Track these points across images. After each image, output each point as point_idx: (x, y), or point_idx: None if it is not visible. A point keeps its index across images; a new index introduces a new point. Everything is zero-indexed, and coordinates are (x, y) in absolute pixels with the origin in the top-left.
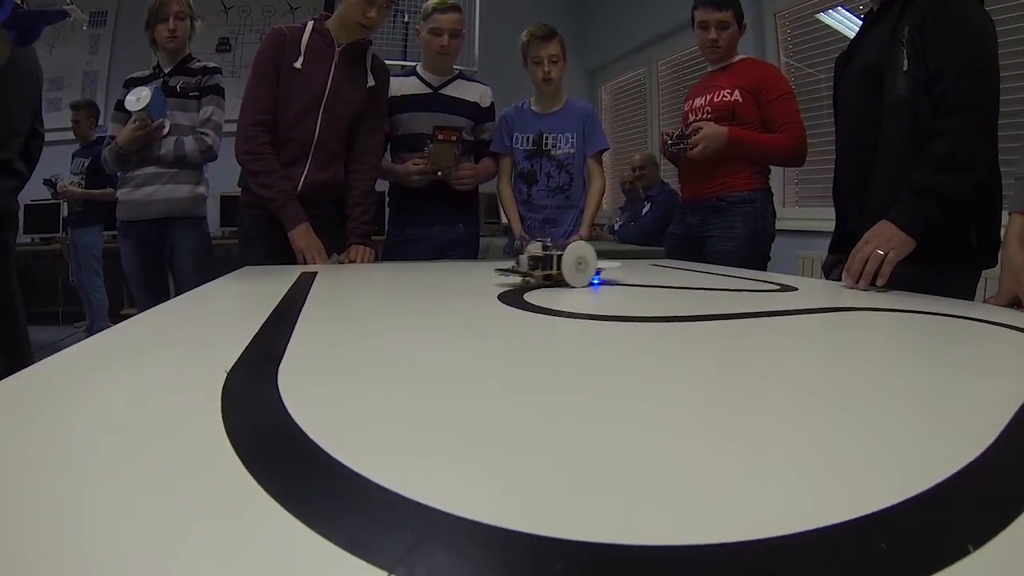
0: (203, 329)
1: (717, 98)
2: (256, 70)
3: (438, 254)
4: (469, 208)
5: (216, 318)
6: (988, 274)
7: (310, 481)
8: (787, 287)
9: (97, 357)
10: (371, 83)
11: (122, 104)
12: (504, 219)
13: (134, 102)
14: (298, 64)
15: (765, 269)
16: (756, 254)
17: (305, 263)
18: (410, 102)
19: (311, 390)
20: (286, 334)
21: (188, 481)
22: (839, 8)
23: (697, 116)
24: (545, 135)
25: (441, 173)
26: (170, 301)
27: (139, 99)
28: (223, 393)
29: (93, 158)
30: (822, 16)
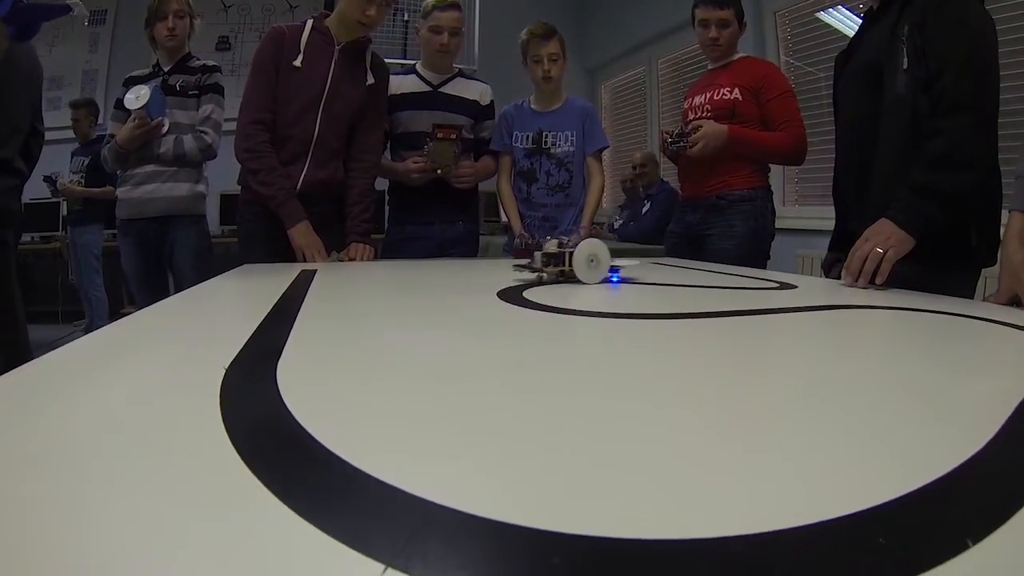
0: (202, 326)
1: (717, 96)
2: (255, 68)
3: (438, 252)
4: (469, 206)
5: (215, 315)
6: (988, 273)
7: (308, 476)
8: (786, 285)
9: (95, 354)
10: (371, 81)
11: (121, 103)
12: (504, 217)
13: (133, 100)
14: (298, 62)
15: (765, 267)
16: (756, 252)
17: (305, 261)
18: (410, 100)
19: (310, 386)
20: (285, 331)
21: (186, 476)
22: (839, 7)
23: (697, 114)
24: (545, 133)
25: (441, 171)
26: (169, 299)
27: (138, 97)
28: (222, 389)
29: (93, 157)
30: (822, 15)
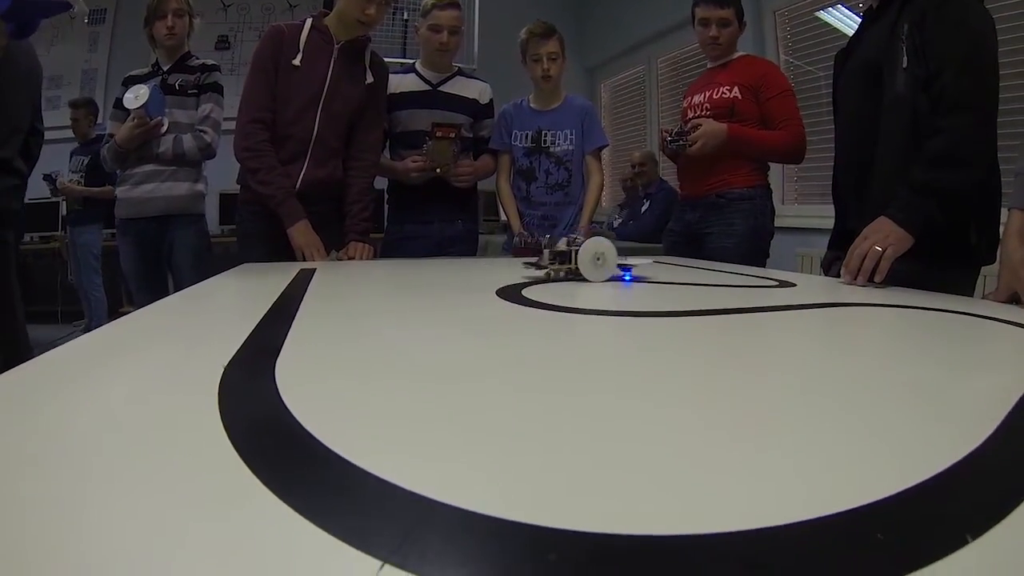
0: (201, 325)
1: (716, 95)
2: (254, 67)
3: (437, 251)
4: (468, 205)
5: (214, 314)
6: (987, 271)
7: (307, 473)
8: (785, 283)
9: (94, 353)
10: (370, 80)
11: (120, 102)
12: (503, 216)
13: (132, 100)
14: (297, 61)
15: (764, 266)
16: (755, 251)
17: (304, 260)
18: (409, 99)
19: (308, 385)
20: (284, 330)
21: (185, 474)
22: (838, 6)
23: (696, 113)
24: (544, 132)
25: (440, 170)
26: (168, 298)
27: (137, 97)
28: (220, 387)
29: (92, 156)
30: (821, 14)
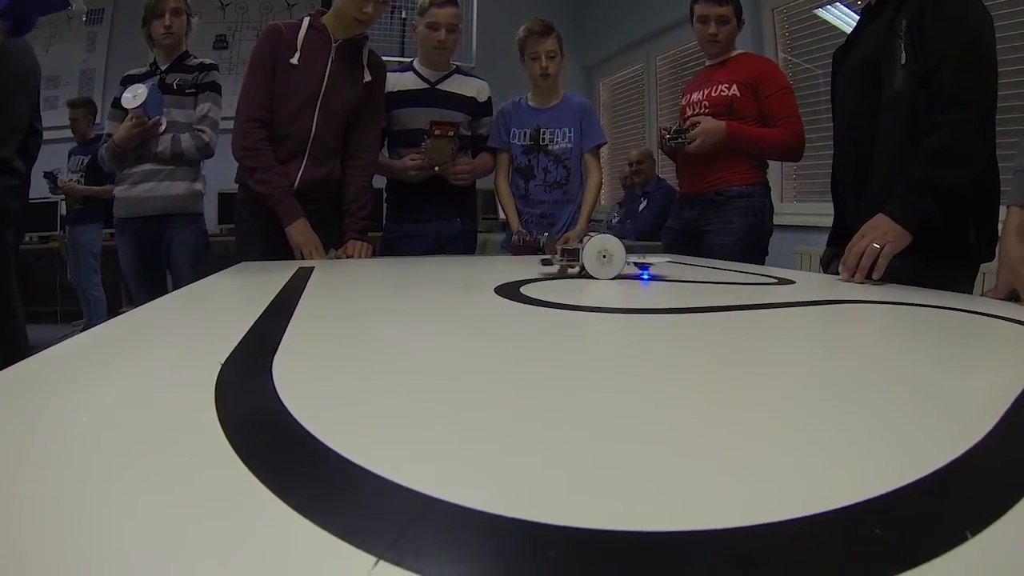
0: (198, 323)
1: (715, 93)
2: (252, 66)
3: (435, 249)
4: (466, 203)
5: (212, 312)
6: (986, 268)
7: (304, 471)
8: (784, 280)
9: (92, 351)
10: (367, 79)
11: (118, 102)
12: (502, 214)
13: (130, 99)
14: (295, 60)
15: (763, 263)
16: (754, 248)
17: (302, 259)
18: (407, 97)
19: (306, 382)
20: (281, 328)
21: (182, 472)
22: (836, 3)
23: (695, 111)
24: (542, 130)
25: (438, 168)
26: (165, 296)
27: (135, 96)
28: (217, 384)
29: (92, 156)
30: (820, 12)
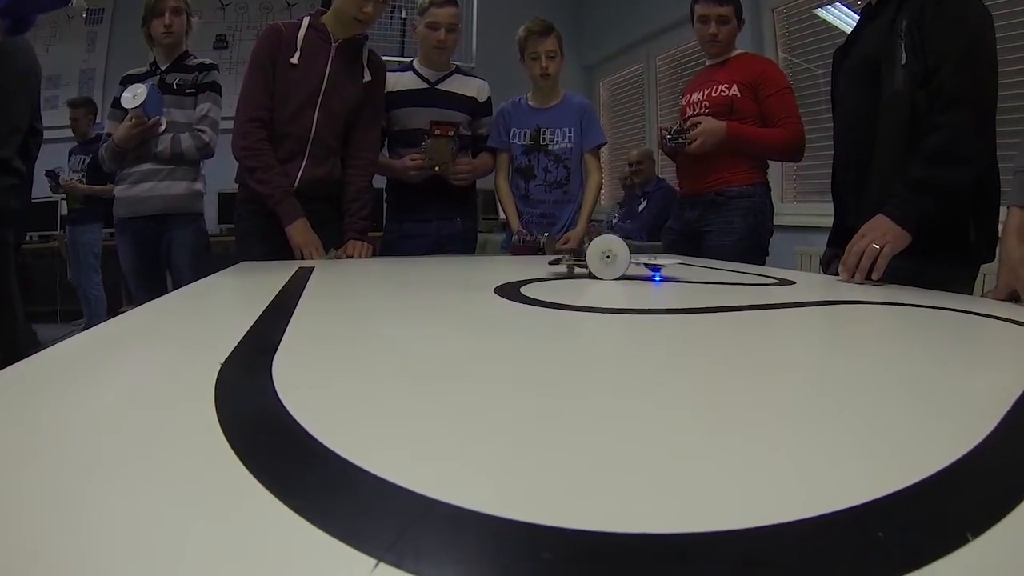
0: (198, 323)
1: (715, 93)
2: (252, 66)
3: (435, 249)
4: (466, 203)
5: (212, 313)
6: (986, 269)
7: (304, 472)
8: (785, 281)
9: (92, 351)
10: (367, 78)
11: (118, 101)
12: (502, 214)
13: (130, 99)
14: (294, 60)
15: (763, 264)
16: (754, 249)
17: (302, 259)
18: (407, 97)
19: (306, 382)
20: (281, 328)
21: (180, 472)
22: (836, 3)
23: (695, 111)
24: (542, 130)
25: (438, 168)
26: (166, 296)
27: (135, 96)
28: (217, 384)
29: (93, 155)
30: (820, 12)
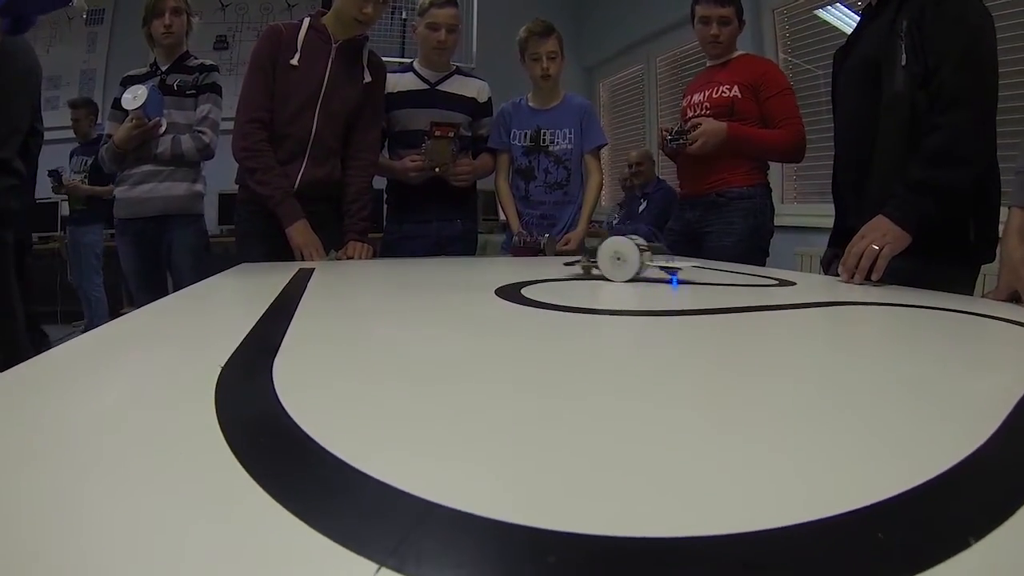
0: (199, 325)
1: (716, 94)
2: (252, 67)
3: (435, 250)
4: (466, 204)
5: (212, 314)
6: (987, 269)
7: (304, 475)
8: (785, 282)
9: (91, 353)
10: (368, 79)
11: (119, 102)
12: (502, 215)
13: (131, 100)
14: (295, 61)
15: (764, 265)
16: (755, 250)
17: (303, 260)
18: (407, 98)
19: (306, 384)
20: (282, 329)
21: (180, 475)
22: (837, 4)
23: (696, 112)
24: (543, 131)
25: (438, 169)
26: (166, 297)
27: (135, 97)
28: (217, 386)
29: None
30: (820, 12)
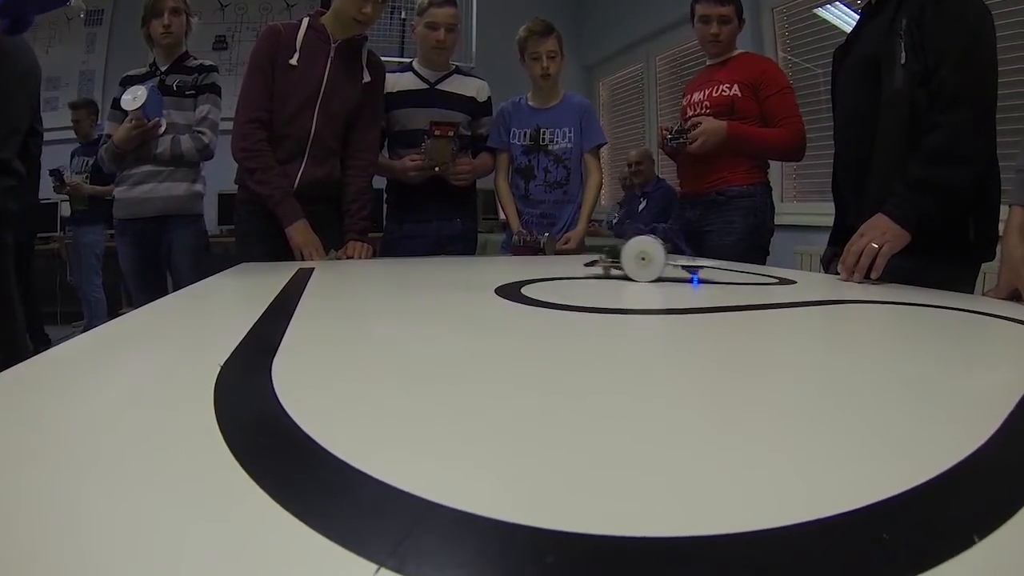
0: (198, 324)
1: (716, 93)
2: (252, 67)
3: (435, 250)
4: (466, 204)
5: (212, 314)
6: (987, 268)
7: (303, 474)
8: (786, 280)
9: (92, 352)
10: (367, 79)
11: (118, 103)
12: (502, 215)
13: (130, 101)
14: (294, 61)
15: (764, 264)
16: (755, 248)
17: (302, 260)
18: (406, 98)
19: (306, 384)
20: (281, 329)
21: (179, 474)
22: (836, 3)
23: (696, 111)
24: (542, 130)
25: (438, 169)
26: (166, 297)
27: (135, 98)
28: (216, 386)
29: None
30: (819, 11)
